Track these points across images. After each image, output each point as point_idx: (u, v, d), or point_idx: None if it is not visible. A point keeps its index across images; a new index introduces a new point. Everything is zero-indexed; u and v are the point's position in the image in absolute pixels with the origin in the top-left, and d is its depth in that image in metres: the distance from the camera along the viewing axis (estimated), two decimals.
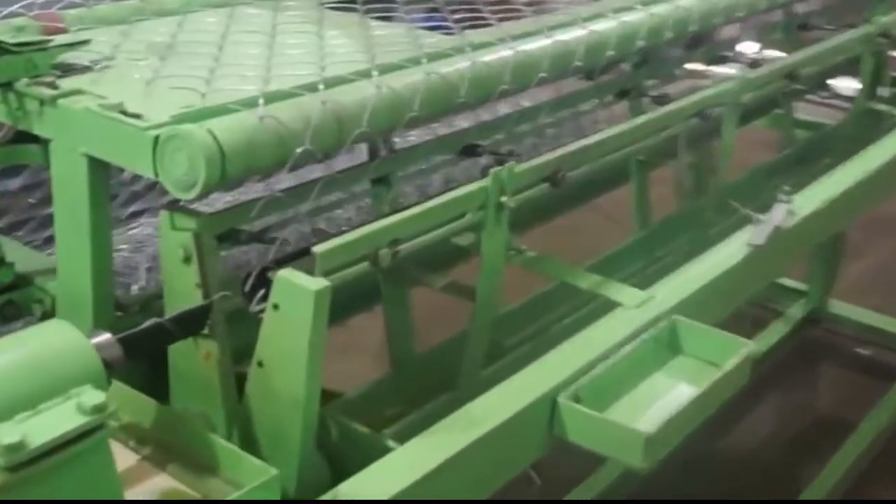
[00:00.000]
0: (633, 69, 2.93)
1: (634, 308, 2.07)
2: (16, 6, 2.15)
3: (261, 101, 1.69)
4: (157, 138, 1.63)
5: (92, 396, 1.39)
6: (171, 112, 1.69)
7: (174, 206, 1.73)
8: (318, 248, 1.66)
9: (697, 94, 2.58)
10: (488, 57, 2.06)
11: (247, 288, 1.72)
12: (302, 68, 1.90)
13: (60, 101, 1.77)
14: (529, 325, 2.59)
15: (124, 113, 1.69)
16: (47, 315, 1.98)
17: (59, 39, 1.91)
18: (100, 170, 1.77)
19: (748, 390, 2.02)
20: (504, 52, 2.08)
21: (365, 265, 1.76)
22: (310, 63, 1.93)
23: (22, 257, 2.09)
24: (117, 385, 1.75)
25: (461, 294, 2.14)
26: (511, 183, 1.97)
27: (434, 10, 2.45)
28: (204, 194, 1.62)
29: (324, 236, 1.79)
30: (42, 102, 1.79)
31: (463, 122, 2.44)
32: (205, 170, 1.58)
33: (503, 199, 1.96)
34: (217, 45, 2.06)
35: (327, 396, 2.42)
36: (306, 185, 1.92)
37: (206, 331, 1.75)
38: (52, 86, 1.80)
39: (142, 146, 1.64)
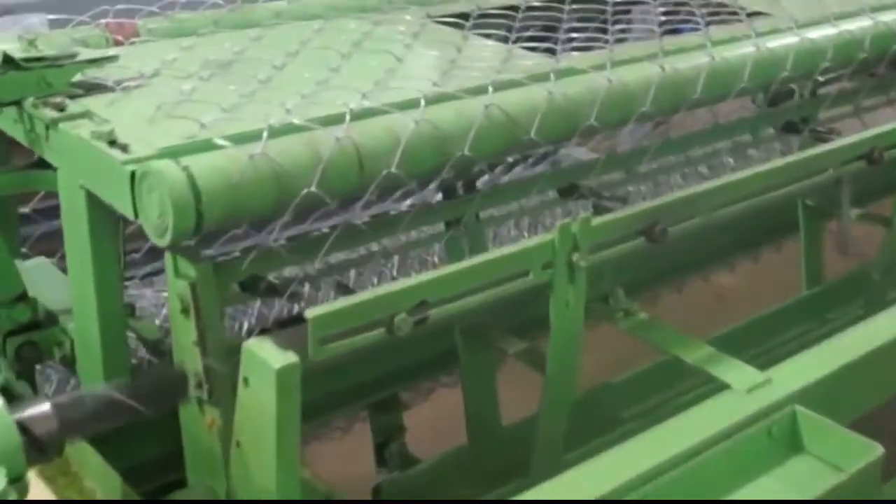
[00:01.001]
0: (808, 97, 2.51)
1: (745, 393, 1.71)
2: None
3: (265, 134, 1.44)
4: (133, 174, 1.40)
5: None
6: (167, 142, 1.46)
7: (180, 247, 1.49)
8: (311, 313, 1.39)
9: (871, 132, 2.16)
10: (575, 87, 1.74)
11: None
12: (346, 95, 1.63)
13: (62, 126, 1.57)
14: (641, 399, 2.25)
15: (113, 143, 1.47)
16: (67, 360, 1.79)
17: (85, 55, 1.71)
18: (99, 206, 1.55)
19: None
20: (595, 80, 1.76)
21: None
22: (358, 91, 1.65)
23: (60, 292, 1.90)
24: (91, 456, 1.56)
25: (535, 364, 1.82)
26: (586, 238, 1.64)
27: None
28: (178, 242, 1.39)
29: (346, 294, 1.53)
30: (47, 126, 1.60)
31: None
32: (172, 214, 1.34)
33: (574, 257, 1.63)
34: (278, 65, 1.82)
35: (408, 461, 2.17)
36: (341, 230, 1.66)
37: (208, 397, 1.51)
38: (59, 107, 1.60)
39: (121, 182, 1.42)
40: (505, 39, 2.02)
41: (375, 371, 2.03)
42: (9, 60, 1.64)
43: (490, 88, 1.66)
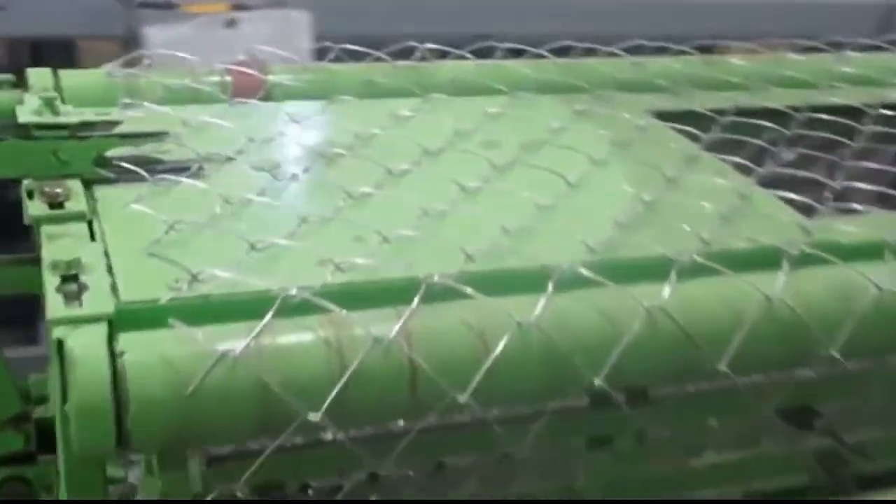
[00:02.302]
0: None
1: None
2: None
3: (267, 317, 0.91)
4: (60, 344, 0.91)
5: None
6: (135, 294, 0.97)
7: None
8: None
9: None
10: (814, 286, 1.12)
11: None
12: (449, 249, 1.08)
13: (43, 230, 1.11)
14: None
15: (68, 280, 0.99)
16: None
17: (127, 125, 1.24)
18: None
19: None
20: (854, 278, 1.13)
21: None
22: (463, 252, 1.09)
23: None
24: None
25: None
26: None
27: None
28: (92, 457, 0.91)
29: None
30: (38, 221, 1.14)
31: None
32: (76, 422, 0.85)
33: None
34: (397, 171, 1.30)
35: None
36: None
37: None
38: (53, 199, 1.14)
39: (54, 345, 0.94)
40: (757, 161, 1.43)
41: None
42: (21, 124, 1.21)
43: (673, 274, 1.05)
